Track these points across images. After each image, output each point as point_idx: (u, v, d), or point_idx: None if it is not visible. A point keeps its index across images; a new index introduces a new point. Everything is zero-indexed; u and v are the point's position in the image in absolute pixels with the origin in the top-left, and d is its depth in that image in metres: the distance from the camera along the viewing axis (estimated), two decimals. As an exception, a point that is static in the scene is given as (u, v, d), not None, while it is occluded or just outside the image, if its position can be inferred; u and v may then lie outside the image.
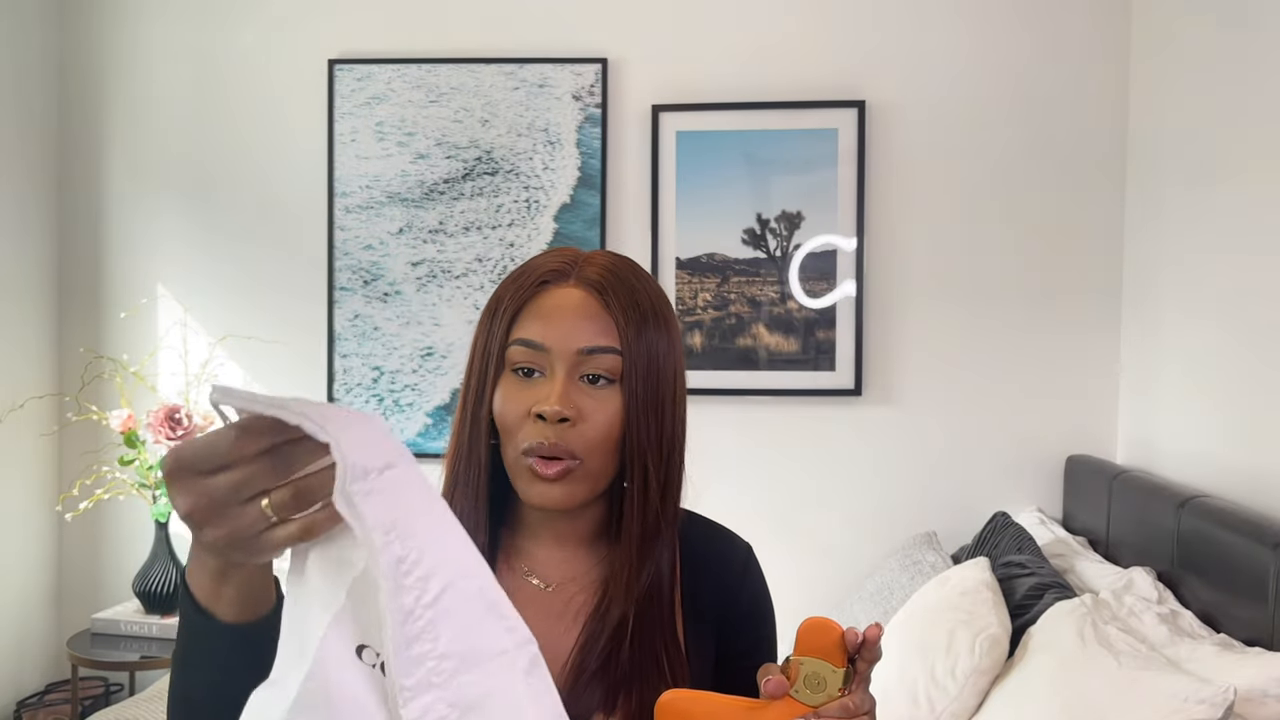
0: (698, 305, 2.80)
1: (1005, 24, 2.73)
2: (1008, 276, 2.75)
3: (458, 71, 2.84)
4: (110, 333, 2.96)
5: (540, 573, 0.95)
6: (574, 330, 0.88)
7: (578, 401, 0.87)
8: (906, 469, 2.78)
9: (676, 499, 0.94)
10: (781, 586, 1.09)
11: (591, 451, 0.88)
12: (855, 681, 0.76)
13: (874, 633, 0.75)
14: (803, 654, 0.75)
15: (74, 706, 2.71)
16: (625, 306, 0.89)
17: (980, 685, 1.85)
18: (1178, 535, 1.99)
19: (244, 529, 0.59)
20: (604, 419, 0.88)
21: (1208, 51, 2.28)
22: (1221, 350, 2.18)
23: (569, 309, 0.89)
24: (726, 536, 1.02)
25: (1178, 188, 2.41)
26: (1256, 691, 1.50)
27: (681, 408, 0.95)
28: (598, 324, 0.89)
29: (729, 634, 0.97)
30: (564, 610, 0.94)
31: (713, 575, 0.97)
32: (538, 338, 0.88)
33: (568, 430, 0.87)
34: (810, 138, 2.75)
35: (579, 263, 0.92)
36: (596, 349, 0.88)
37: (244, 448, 0.57)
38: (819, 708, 0.74)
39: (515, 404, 0.89)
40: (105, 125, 2.96)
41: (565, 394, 0.87)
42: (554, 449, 0.86)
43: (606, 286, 0.90)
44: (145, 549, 2.84)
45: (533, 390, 0.88)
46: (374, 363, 2.88)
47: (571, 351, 0.88)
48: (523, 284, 0.91)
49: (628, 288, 0.91)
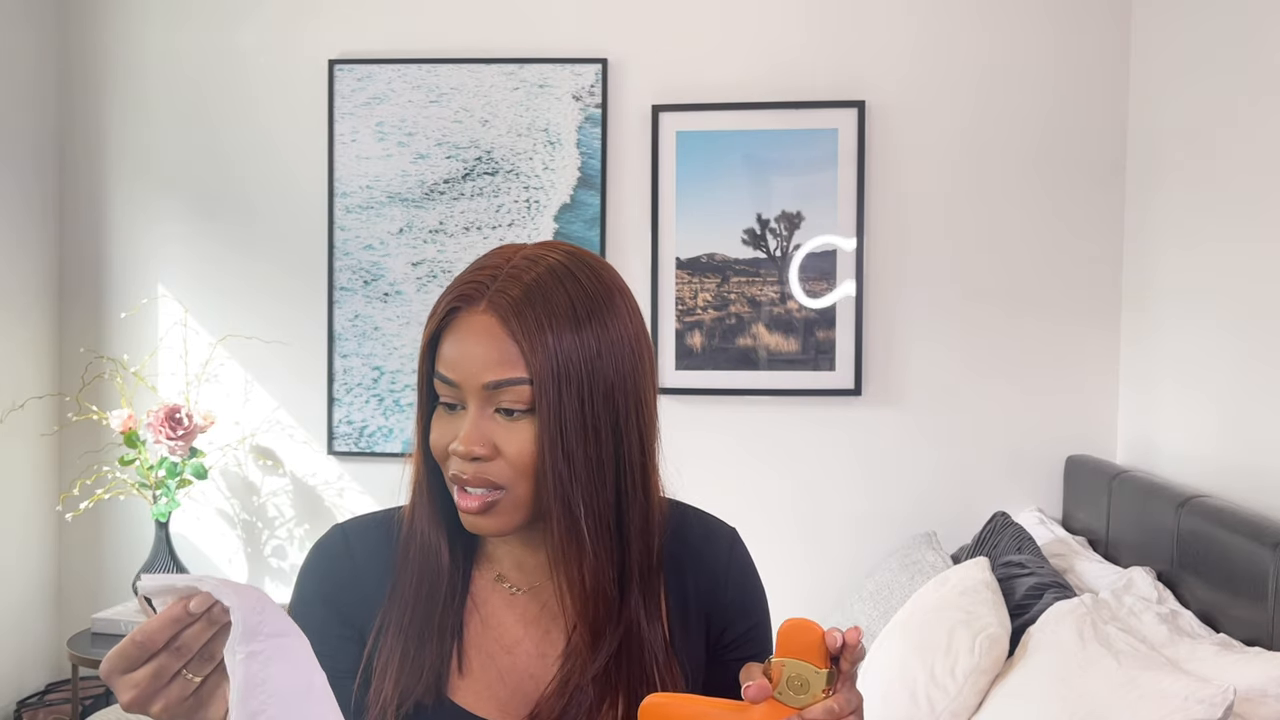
0: (698, 305, 2.80)
1: (1005, 24, 2.73)
2: (1008, 276, 2.75)
3: (458, 71, 2.84)
4: (110, 333, 2.96)
5: (514, 577, 0.94)
6: (480, 364, 0.84)
7: (491, 436, 0.85)
8: (906, 469, 2.78)
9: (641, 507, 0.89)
10: (781, 586, 1.09)
11: (515, 481, 0.85)
12: (839, 681, 0.75)
13: (854, 636, 0.74)
14: (784, 655, 0.74)
15: (74, 706, 2.71)
16: (532, 329, 0.83)
17: (980, 685, 1.85)
18: (1177, 535, 1.99)
19: (175, 698, 0.71)
20: (520, 450, 0.84)
21: (1208, 52, 2.28)
22: (1221, 350, 2.18)
23: (475, 339, 0.84)
24: (709, 523, 1.00)
25: (1178, 188, 2.41)
26: (1256, 691, 1.50)
27: (633, 414, 0.88)
28: (503, 354, 0.83)
29: (719, 623, 0.96)
30: (541, 613, 0.93)
31: (698, 565, 0.96)
32: (449, 372, 0.86)
33: (485, 465, 0.85)
34: (810, 138, 2.75)
35: (497, 278, 0.85)
36: (502, 382, 0.83)
37: (154, 643, 0.69)
38: (803, 710, 0.73)
39: (441, 436, 0.87)
40: (105, 125, 2.96)
41: (475, 432, 0.84)
42: (474, 481, 0.85)
43: (513, 308, 0.83)
44: (145, 549, 2.84)
45: (455, 423, 0.86)
46: (374, 363, 2.88)
47: (478, 387, 0.84)
48: (436, 311, 0.88)
49: (542, 302, 0.84)
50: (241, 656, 0.69)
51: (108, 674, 0.71)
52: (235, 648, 0.69)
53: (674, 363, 2.80)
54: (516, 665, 0.91)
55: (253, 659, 0.69)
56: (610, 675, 0.87)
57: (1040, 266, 2.74)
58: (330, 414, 2.88)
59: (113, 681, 0.71)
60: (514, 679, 0.91)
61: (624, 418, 0.87)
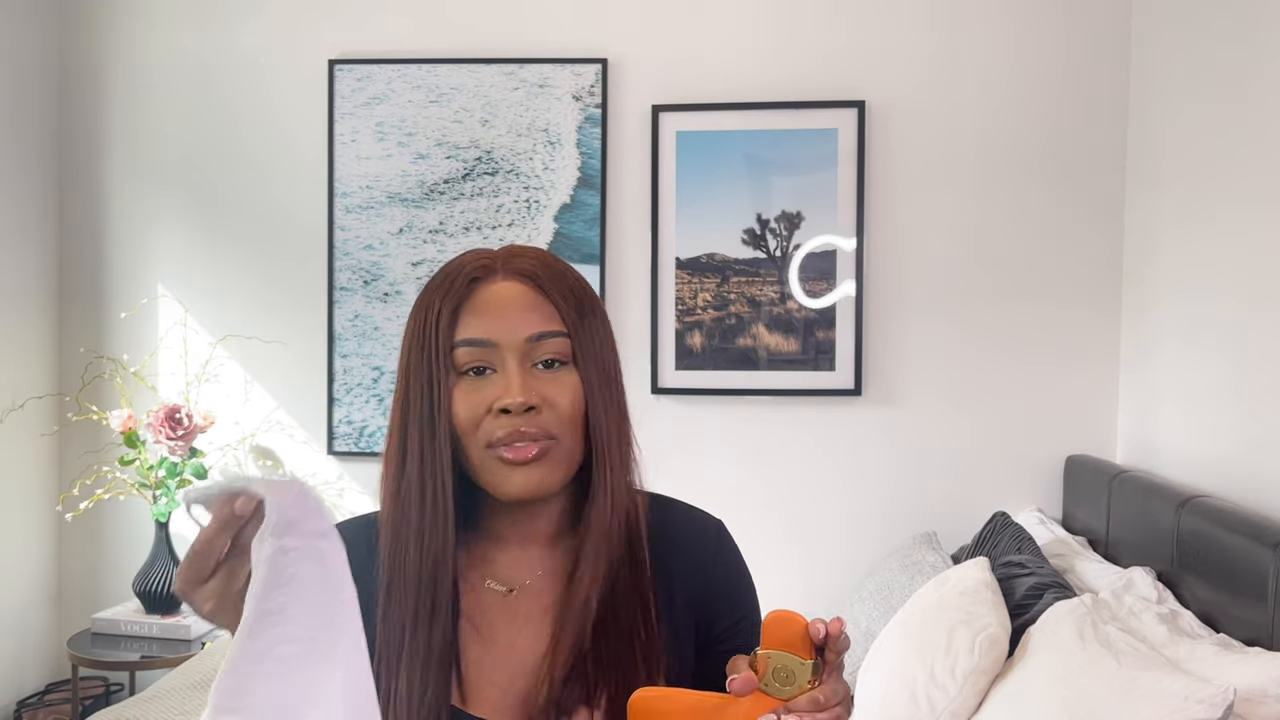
0: (698, 305, 2.80)
1: (1005, 24, 2.73)
2: (1008, 276, 2.75)
3: (458, 71, 2.84)
4: (110, 333, 2.96)
5: (502, 577, 0.94)
6: (518, 320, 0.88)
7: (538, 388, 0.87)
8: (906, 469, 2.78)
9: (634, 479, 0.95)
10: (780, 586, 1.09)
11: (565, 429, 0.88)
12: (825, 672, 0.75)
13: (836, 626, 0.74)
14: (769, 647, 0.74)
15: (74, 706, 2.71)
16: (562, 290, 0.90)
17: (980, 685, 1.84)
18: (1177, 535, 1.99)
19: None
20: (568, 400, 0.88)
21: (1208, 52, 2.28)
22: (1221, 350, 2.18)
23: (507, 300, 0.88)
24: (695, 516, 1.00)
25: (1177, 188, 2.41)
26: (1256, 691, 1.50)
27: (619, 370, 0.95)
28: (540, 311, 0.88)
29: (708, 615, 0.95)
30: (530, 611, 0.93)
31: (684, 556, 0.96)
32: (483, 334, 0.87)
33: (536, 416, 0.86)
34: (810, 138, 2.75)
35: (503, 258, 0.91)
36: (545, 334, 0.88)
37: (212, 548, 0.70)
38: (789, 701, 0.73)
39: (472, 405, 0.87)
40: (105, 125, 2.97)
41: (524, 384, 0.86)
42: (532, 434, 0.86)
43: (539, 274, 0.90)
44: (145, 549, 2.84)
45: (487, 388, 0.87)
46: (374, 363, 2.88)
47: (520, 341, 0.87)
48: (452, 286, 0.89)
49: (559, 274, 0.91)
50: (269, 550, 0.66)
51: (183, 590, 0.72)
52: (264, 538, 0.66)
53: (674, 363, 2.80)
54: (509, 665, 0.91)
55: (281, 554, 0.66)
56: (600, 667, 0.87)
57: (1040, 266, 2.74)
58: (330, 414, 2.88)
59: (189, 596, 0.72)
60: (505, 679, 0.90)
61: (618, 374, 0.95)
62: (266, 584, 0.65)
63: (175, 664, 2.55)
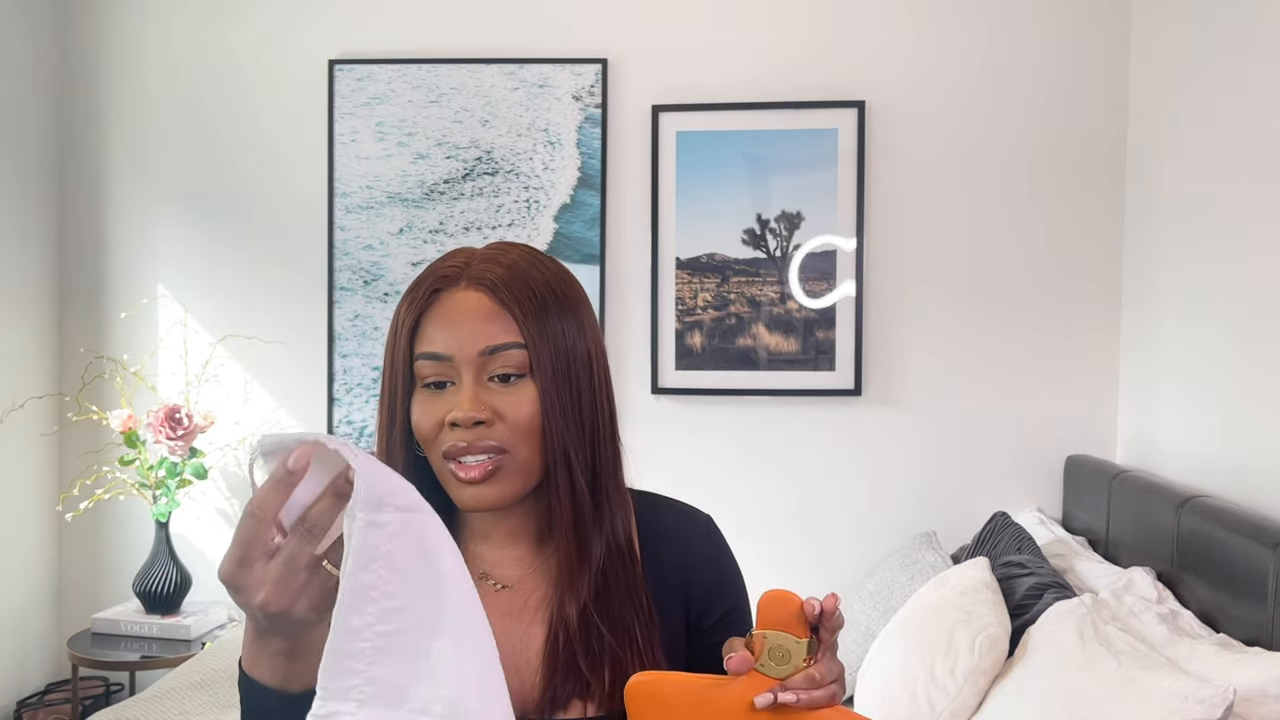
0: (698, 305, 2.80)
1: (1005, 24, 2.73)
2: (1007, 276, 2.75)
3: (458, 71, 2.84)
4: (110, 333, 2.96)
5: (495, 574, 0.95)
6: (473, 333, 0.87)
7: (489, 402, 0.86)
8: (906, 469, 2.78)
9: (614, 478, 0.94)
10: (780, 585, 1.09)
11: (518, 442, 0.87)
12: (820, 650, 0.75)
13: (830, 603, 0.75)
14: (765, 627, 0.75)
15: (74, 706, 2.71)
16: (521, 299, 0.88)
17: (980, 685, 1.84)
18: (1177, 535, 1.99)
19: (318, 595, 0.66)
20: (521, 414, 0.87)
21: (1208, 52, 2.28)
22: (1221, 350, 2.18)
23: (464, 312, 0.88)
24: (684, 510, 1.01)
25: (1178, 188, 2.41)
26: (1256, 691, 1.50)
27: (603, 387, 0.93)
28: (496, 322, 0.87)
29: (697, 609, 0.96)
30: (524, 608, 0.93)
31: (674, 551, 0.97)
32: (439, 348, 0.87)
33: (487, 430, 0.86)
34: (810, 138, 2.75)
35: (471, 263, 0.91)
36: (498, 347, 0.87)
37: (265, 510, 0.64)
38: (785, 679, 0.74)
39: (429, 416, 0.88)
40: (105, 125, 2.96)
41: (474, 398, 0.86)
42: (476, 447, 0.86)
43: (499, 282, 0.88)
44: (145, 549, 2.84)
45: (445, 400, 0.87)
46: (374, 363, 2.88)
47: (473, 355, 0.87)
48: (415, 296, 0.90)
49: (522, 279, 0.89)
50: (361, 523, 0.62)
51: (230, 575, 0.65)
52: (355, 512, 0.62)
53: (674, 363, 2.80)
54: (502, 661, 0.91)
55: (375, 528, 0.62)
56: (593, 661, 0.88)
57: (1040, 266, 2.74)
58: (330, 414, 2.88)
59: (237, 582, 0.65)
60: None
61: (598, 382, 0.92)
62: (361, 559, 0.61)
63: (175, 664, 2.55)
